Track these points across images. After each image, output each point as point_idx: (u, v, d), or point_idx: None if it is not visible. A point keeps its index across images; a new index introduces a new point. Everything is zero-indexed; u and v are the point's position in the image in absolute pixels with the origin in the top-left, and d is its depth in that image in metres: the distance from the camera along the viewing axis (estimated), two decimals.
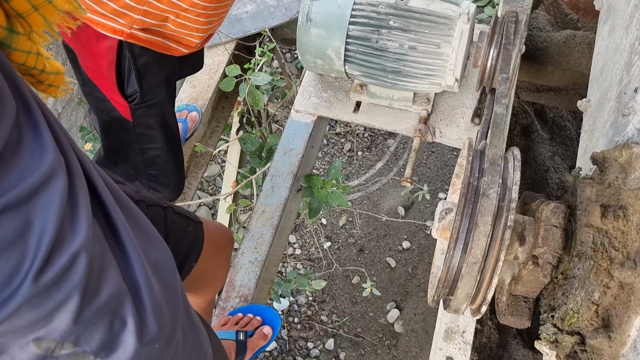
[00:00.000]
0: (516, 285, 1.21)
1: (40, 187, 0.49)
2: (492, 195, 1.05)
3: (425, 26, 1.57)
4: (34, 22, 0.54)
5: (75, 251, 0.52)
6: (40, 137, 0.51)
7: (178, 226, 0.98)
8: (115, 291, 0.56)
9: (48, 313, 0.52)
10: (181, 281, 0.90)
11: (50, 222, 0.50)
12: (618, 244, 1.03)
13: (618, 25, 1.47)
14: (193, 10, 1.34)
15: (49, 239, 0.50)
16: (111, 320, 0.57)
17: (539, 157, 2.30)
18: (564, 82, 2.20)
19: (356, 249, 3.55)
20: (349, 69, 1.70)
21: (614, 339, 0.99)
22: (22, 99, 0.51)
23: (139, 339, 0.59)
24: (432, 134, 1.76)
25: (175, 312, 0.66)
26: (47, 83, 0.60)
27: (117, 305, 0.57)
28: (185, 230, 0.99)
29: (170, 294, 0.66)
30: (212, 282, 1.15)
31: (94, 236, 0.54)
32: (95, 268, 0.54)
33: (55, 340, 0.54)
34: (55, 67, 0.60)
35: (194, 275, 1.00)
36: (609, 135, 1.33)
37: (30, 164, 0.49)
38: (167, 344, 0.64)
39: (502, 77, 1.36)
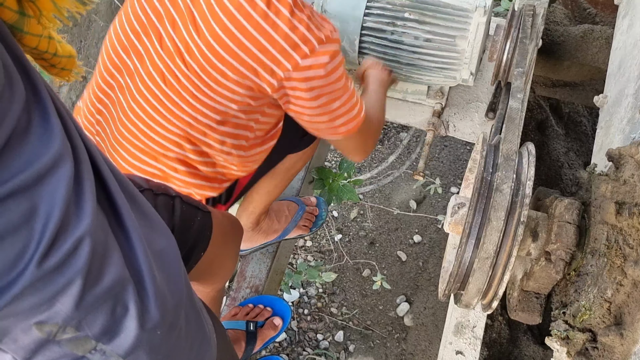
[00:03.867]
0: (528, 281, 1.20)
1: (47, 172, 0.50)
2: (506, 191, 1.05)
3: (441, 18, 1.56)
4: (44, 6, 0.55)
5: (79, 237, 0.53)
6: (48, 123, 0.51)
7: (186, 215, 0.98)
8: (118, 277, 0.56)
9: (51, 297, 0.53)
10: (186, 270, 0.91)
11: (56, 207, 0.50)
12: (632, 242, 1.02)
13: (638, 20, 1.45)
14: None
15: (54, 225, 0.50)
16: (113, 306, 0.58)
17: (554, 152, 2.27)
18: (580, 77, 2.17)
19: (367, 242, 3.55)
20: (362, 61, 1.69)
21: (625, 337, 0.99)
22: (31, 84, 0.51)
23: (141, 324, 0.60)
24: (445, 128, 1.75)
25: (179, 299, 0.67)
26: (60, 67, 0.60)
27: (120, 291, 0.57)
28: (194, 219, 0.99)
29: (173, 281, 0.66)
30: (220, 271, 1.15)
31: (98, 222, 0.55)
32: (98, 254, 0.54)
33: (57, 325, 0.54)
34: (67, 50, 0.61)
35: (202, 265, 1.00)
36: (626, 132, 1.32)
37: (38, 149, 0.49)
38: (169, 331, 0.64)
39: (518, 72, 1.34)
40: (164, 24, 1.16)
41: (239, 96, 1.15)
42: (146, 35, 1.19)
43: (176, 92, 1.17)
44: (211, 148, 1.26)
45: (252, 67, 1.10)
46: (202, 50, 1.10)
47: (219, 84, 1.13)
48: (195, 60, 1.12)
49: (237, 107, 1.17)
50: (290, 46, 1.08)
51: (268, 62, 1.09)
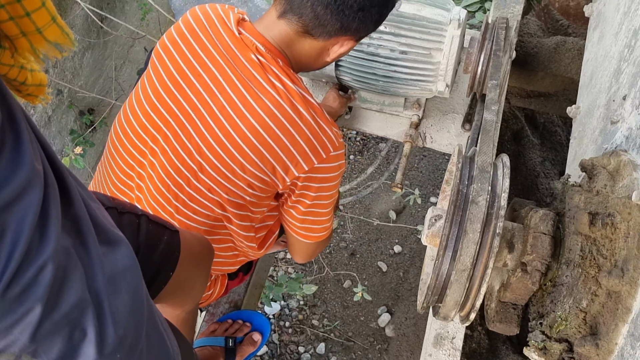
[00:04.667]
0: (505, 292, 1.21)
1: (16, 198, 0.48)
2: (481, 203, 1.05)
3: (416, 31, 1.57)
4: (20, 45, 0.54)
5: (42, 264, 0.51)
6: (20, 147, 0.50)
7: (153, 234, 0.96)
8: (77, 301, 0.55)
9: (8, 327, 0.51)
10: (152, 291, 0.89)
11: (22, 234, 0.49)
12: (606, 252, 1.03)
13: (607, 32, 1.48)
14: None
15: (19, 253, 0.49)
16: (71, 331, 0.56)
17: (530, 162, 2.30)
18: (554, 88, 2.21)
19: (348, 253, 3.55)
20: (340, 73, 1.70)
21: (601, 347, 0.99)
22: (6, 107, 0.50)
23: (99, 349, 0.58)
24: (422, 140, 1.76)
25: (140, 321, 0.65)
26: (27, 92, 0.59)
27: (78, 315, 0.55)
28: (160, 239, 0.97)
29: (134, 302, 0.64)
30: (190, 293, 1.13)
31: (61, 246, 0.53)
32: (58, 278, 0.53)
33: (14, 354, 0.53)
34: (38, 79, 0.60)
35: (171, 286, 0.98)
36: (598, 142, 1.34)
37: (8, 173, 0.48)
38: (129, 353, 0.63)
39: (492, 84, 1.36)
40: (177, 119, 1.17)
41: (252, 189, 1.19)
42: (159, 132, 1.19)
43: (194, 187, 1.20)
44: (230, 234, 1.30)
45: (271, 164, 1.14)
46: (222, 142, 1.13)
47: (236, 176, 1.16)
48: (214, 154, 1.15)
49: (249, 199, 1.21)
50: (310, 149, 1.14)
51: (287, 161, 1.14)
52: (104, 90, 2.98)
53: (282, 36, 1.15)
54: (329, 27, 1.12)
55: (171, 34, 1.19)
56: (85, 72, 2.82)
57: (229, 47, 1.13)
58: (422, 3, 1.60)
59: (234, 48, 1.13)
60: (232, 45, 1.13)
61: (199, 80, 1.14)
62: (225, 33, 1.14)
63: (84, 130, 2.83)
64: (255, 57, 1.12)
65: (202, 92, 1.13)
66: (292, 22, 1.13)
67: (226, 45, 1.13)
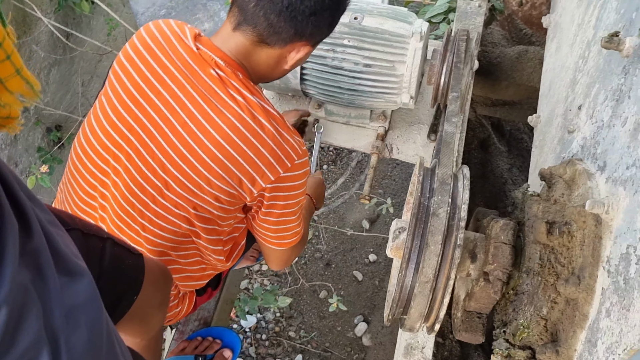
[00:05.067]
0: (469, 301, 1.22)
1: None
2: (442, 215, 1.07)
3: (379, 44, 1.59)
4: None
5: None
6: None
7: (117, 258, 0.95)
8: (32, 341, 0.53)
9: None
10: (116, 315, 0.87)
11: None
12: (564, 260, 1.05)
13: (564, 43, 1.51)
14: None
15: None
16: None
17: (497, 169, 2.34)
18: (518, 96, 2.25)
19: (323, 264, 3.55)
20: (305, 87, 1.71)
21: (561, 354, 1.01)
22: None
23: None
24: (389, 151, 1.78)
25: (98, 355, 0.64)
26: None
27: (33, 355, 0.54)
28: (125, 262, 0.96)
29: (93, 336, 0.63)
30: (151, 320, 1.11)
31: (17, 284, 0.52)
32: (13, 319, 0.51)
33: None
34: (5, 113, 0.59)
35: (133, 312, 0.96)
36: (557, 151, 1.37)
37: None
38: None
39: (452, 96, 1.38)
40: (139, 137, 1.16)
41: (220, 202, 1.19)
42: (121, 151, 1.19)
43: (160, 204, 1.19)
44: (198, 249, 1.30)
45: (238, 176, 1.15)
46: (187, 158, 1.13)
47: (203, 191, 1.16)
48: (179, 170, 1.15)
49: (216, 213, 1.21)
50: (275, 160, 1.15)
51: (253, 173, 1.15)
52: (72, 107, 2.94)
53: (239, 48, 1.16)
54: (284, 34, 1.13)
55: (126, 51, 1.18)
56: (51, 89, 2.78)
57: (187, 63, 1.13)
58: (384, 16, 1.62)
59: (193, 64, 1.13)
60: (191, 61, 1.13)
61: (159, 97, 1.13)
62: (182, 49, 1.14)
63: (52, 147, 2.79)
64: (214, 72, 1.12)
65: (163, 109, 1.13)
66: (247, 33, 1.14)
67: (184, 61, 1.13)
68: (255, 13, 1.12)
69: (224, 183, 1.15)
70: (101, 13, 2.97)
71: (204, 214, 1.20)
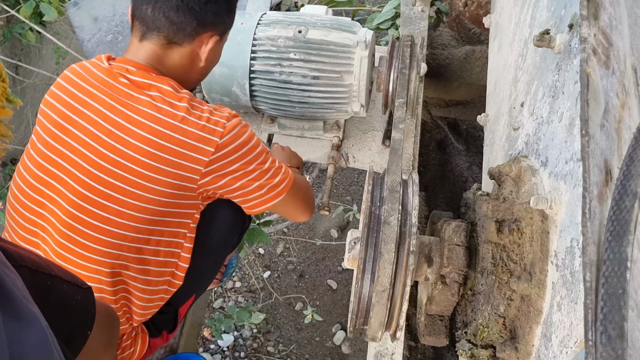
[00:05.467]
0: (431, 305, 1.23)
1: None
2: (393, 223, 1.07)
3: (325, 56, 1.60)
4: None
5: None
6: None
7: (67, 295, 0.93)
8: None
9: None
10: (70, 353, 0.85)
11: None
12: (516, 257, 1.07)
13: (504, 42, 1.54)
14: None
15: None
16: None
17: (457, 168, 2.37)
18: (470, 95, 2.29)
19: (296, 275, 3.54)
20: (256, 103, 1.70)
21: (520, 350, 1.02)
22: None
23: None
24: (345, 160, 1.79)
25: None
26: None
27: None
28: (74, 298, 0.94)
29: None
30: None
31: None
32: None
33: None
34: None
35: (81, 353, 0.94)
36: (505, 149, 1.39)
37: None
38: None
39: (398, 103, 1.39)
40: (70, 159, 1.18)
41: (168, 198, 1.18)
42: (55, 178, 1.19)
43: (102, 218, 1.18)
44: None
45: (174, 162, 1.15)
46: (120, 163, 1.15)
47: (147, 190, 1.16)
48: (117, 177, 1.15)
49: (165, 218, 1.21)
50: (206, 132, 1.16)
51: (189, 152, 1.16)
52: (26, 139, 2.88)
53: (150, 55, 1.22)
54: (188, 28, 1.21)
55: (51, 90, 1.23)
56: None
57: (103, 79, 1.18)
58: (328, 28, 1.63)
59: (107, 78, 1.18)
60: (105, 76, 1.19)
61: (82, 117, 1.17)
62: (98, 70, 1.20)
63: (8, 181, 2.73)
64: (126, 78, 1.18)
65: (87, 126, 1.16)
66: (154, 39, 1.21)
67: (100, 79, 1.19)
68: (155, 17, 1.19)
69: (164, 174, 1.16)
70: (51, 41, 2.92)
71: (152, 216, 1.19)
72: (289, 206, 1.35)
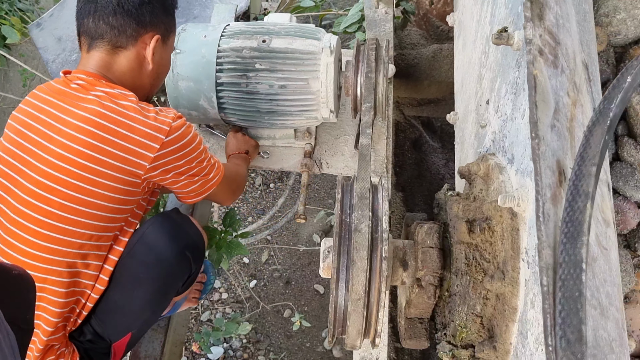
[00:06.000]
0: (409, 308, 1.22)
1: None
2: (364, 230, 1.06)
3: (291, 64, 1.59)
4: None
5: None
6: None
7: None
8: None
9: None
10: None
11: None
12: (488, 256, 1.06)
13: (468, 40, 1.54)
14: None
15: None
16: None
17: (433, 166, 2.37)
18: (441, 93, 2.29)
19: (282, 282, 3.53)
20: (225, 115, 1.69)
21: (498, 349, 1.02)
22: None
23: None
24: (319, 167, 1.78)
25: None
26: None
27: None
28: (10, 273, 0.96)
29: None
30: None
31: None
32: None
33: None
34: None
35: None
36: (475, 147, 1.39)
37: None
38: None
39: (365, 107, 1.39)
40: (21, 158, 1.26)
41: (117, 193, 1.26)
42: (5, 178, 1.28)
43: (48, 213, 1.24)
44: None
45: (119, 155, 1.22)
46: (67, 157, 1.21)
47: (96, 185, 1.23)
48: (62, 171, 1.22)
49: (114, 204, 1.27)
50: (152, 130, 1.24)
51: (134, 148, 1.23)
52: None
53: (99, 63, 1.31)
54: (129, 29, 1.30)
55: (19, 106, 1.33)
56: None
57: (57, 88, 1.29)
58: (292, 36, 1.62)
59: (61, 86, 1.28)
60: (60, 85, 1.29)
61: (38, 121, 1.26)
62: (55, 82, 1.31)
63: None
64: (76, 83, 1.27)
65: (41, 128, 1.25)
66: (99, 47, 1.31)
67: (55, 88, 1.29)
68: (96, 26, 1.29)
69: (108, 167, 1.22)
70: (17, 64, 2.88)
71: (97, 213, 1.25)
72: (217, 196, 1.50)
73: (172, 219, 1.42)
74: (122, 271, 1.34)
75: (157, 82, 1.43)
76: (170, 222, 1.39)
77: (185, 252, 1.38)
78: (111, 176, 1.23)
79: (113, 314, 1.35)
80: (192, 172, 1.34)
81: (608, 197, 0.95)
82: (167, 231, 1.36)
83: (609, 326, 0.67)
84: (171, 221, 1.40)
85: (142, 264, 1.34)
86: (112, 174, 1.22)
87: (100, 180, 1.22)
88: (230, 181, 1.52)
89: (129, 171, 1.24)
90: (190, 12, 2.18)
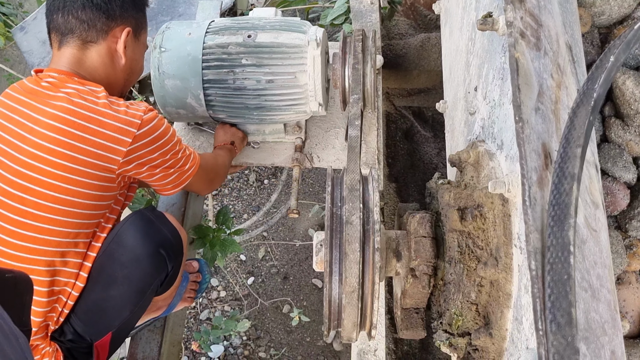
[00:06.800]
0: (405, 299, 1.22)
1: None
2: (356, 222, 1.06)
3: (278, 58, 1.57)
4: None
5: None
6: None
7: None
8: None
9: None
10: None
11: None
12: (481, 243, 1.06)
13: (455, 27, 1.54)
14: None
15: None
16: None
17: (426, 156, 2.36)
18: (431, 82, 2.28)
19: (280, 278, 3.52)
20: (213, 113, 1.68)
21: (494, 336, 1.02)
22: None
23: None
24: (310, 160, 1.77)
25: None
26: None
27: None
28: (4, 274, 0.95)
29: None
30: None
31: None
32: None
33: None
34: None
35: None
36: (465, 134, 1.38)
37: None
38: None
39: (353, 99, 1.38)
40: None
41: (92, 190, 1.25)
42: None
43: (24, 213, 1.23)
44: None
45: (91, 151, 1.22)
46: (39, 156, 1.21)
47: (70, 182, 1.22)
48: (35, 170, 1.21)
49: (89, 202, 1.27)
50: (123, 124, 1.23)
51: (106, 143, 1.22)
52: None
53: (71, 60, 1.31)
54: (98, 23, 1.31)
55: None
56: None
57: (28, 86, 1.28)
58: (277, 30, 1.61)
59: (32, 85, 1.28)
60: (31, 84, 1.28)
61: (9, 120, 1.25)
62: (27, 81, 1.31)
63: None
64: (46, 81, 1.27)
65: (12, 127, 1.24)
66: (70, 43, 1.31)
67: (26, 87, 1.28)
68: (65, 21, 1.30)
69: (81, 164, 1.22)
70: (2, 69, 2.85)
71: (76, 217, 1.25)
72: (194, 186, 1.51)
73: (147, 216, 1.38)
74: (99, 270, 1.33)
75: (131, 78, 1.44)
76: (144, 220, 1.36)
77: (159, 250, 1.34)
78: (85, 172, 1.22)
79: (92, 314, 1.34)
80: (167, 165, 1.34)
81: (596, 179, 0.94)
82: (141, 229, 1.33)
83: (600, 308, 0.67)
84: (145, 219, 1.37)
85: (117, 263, 1.32)
86: (85, 170, 1.22)
87: (74, 177, 1.22)
88: (207, 171, 1.52)
89: (103, 167, 1.23)
90: (175, 9, 2.17)
